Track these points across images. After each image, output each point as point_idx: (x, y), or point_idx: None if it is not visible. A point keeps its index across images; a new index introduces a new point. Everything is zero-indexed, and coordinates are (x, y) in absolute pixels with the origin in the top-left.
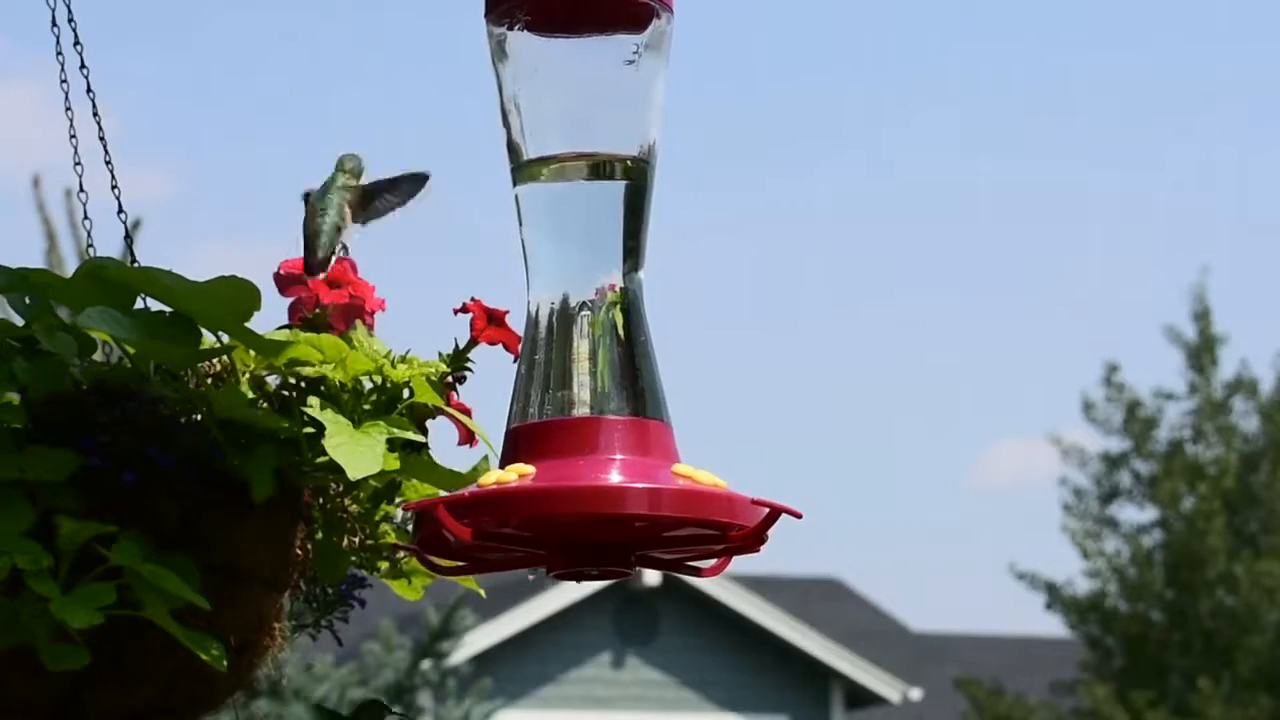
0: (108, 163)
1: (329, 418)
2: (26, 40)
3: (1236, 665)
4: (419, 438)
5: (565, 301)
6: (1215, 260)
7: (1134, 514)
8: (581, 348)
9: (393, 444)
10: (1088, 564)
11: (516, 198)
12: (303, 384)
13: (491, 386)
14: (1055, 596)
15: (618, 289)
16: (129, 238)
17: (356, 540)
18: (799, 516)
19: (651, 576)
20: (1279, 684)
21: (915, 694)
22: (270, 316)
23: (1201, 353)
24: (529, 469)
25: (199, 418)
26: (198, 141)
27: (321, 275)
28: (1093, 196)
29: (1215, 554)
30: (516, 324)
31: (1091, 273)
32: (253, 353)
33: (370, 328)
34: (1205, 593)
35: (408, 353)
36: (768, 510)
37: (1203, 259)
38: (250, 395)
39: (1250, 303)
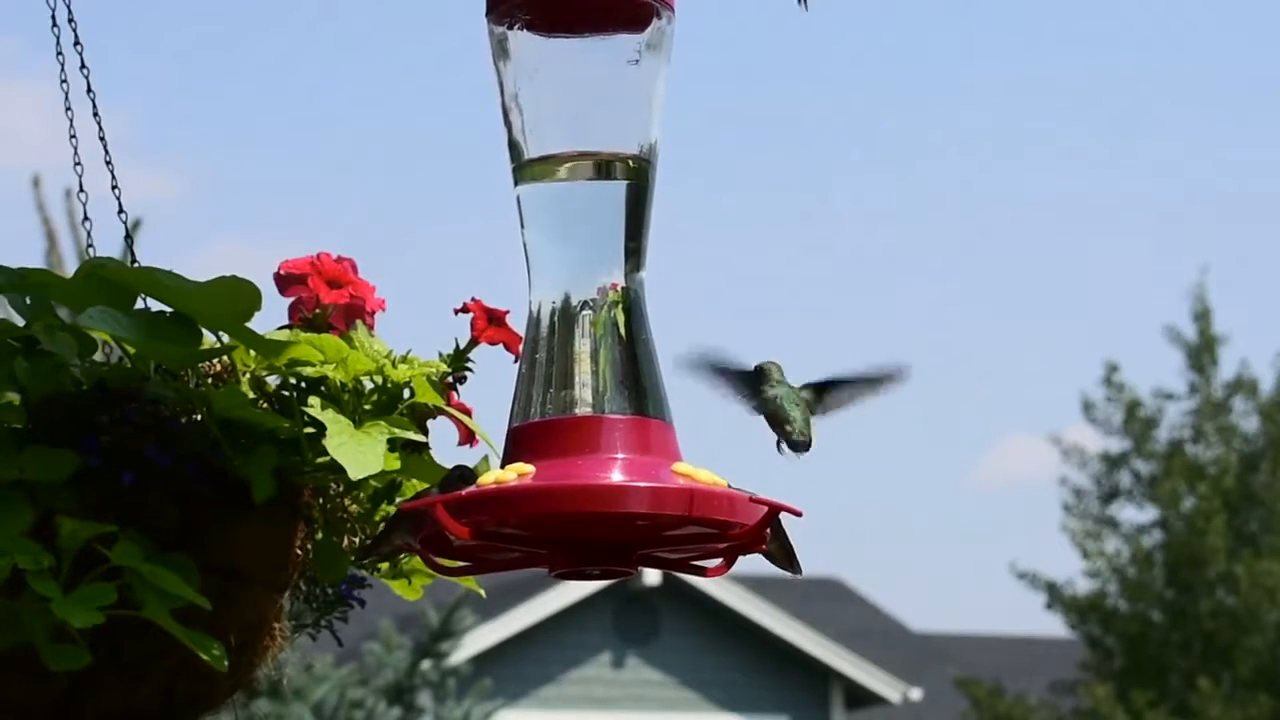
0: (108, 163)
1: (330, 418)
2: (32, 40)
3: (1236, 665)
4: (420, 438)
5: (567, 301)
6: (1215, 260)
7: (1134, 514)
8: (583, 347)
9: (393, 444)
10: (1088, 564)
11: (518, 198)
12: (303, 384)
13: (492, 386)
14: (1055, 596)
15: (619, 288)
16: (129, 238)
17: (356, 540)
18: (798, 514)
19: (652, 576)
20: (1279, 684)
21: (915, 694)
22: (271, 317)
23: (1201, 353)
24: (528, 468)
25: (199, 418)
26: (209, 140)
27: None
28: (1093, 196)
29: (1215, 554)
30: (517, 324)
31: (1091, 273)
32: (253, 353)
33: (371, 328)
34: (1205, 593)
35: (408, 353)
36: (766, 508)
37: (1203, 259)
38: (250, 395)
39: (1250, 303)
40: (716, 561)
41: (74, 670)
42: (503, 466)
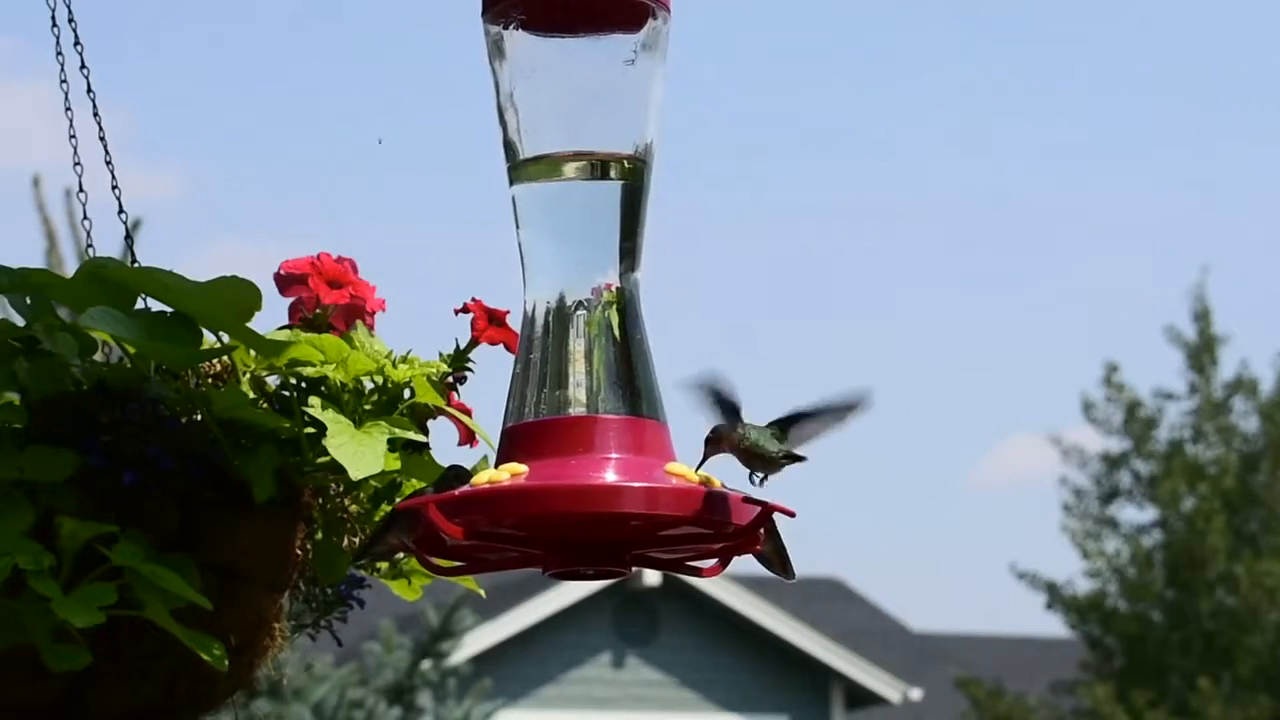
0: (108, 163)
1: (330, 418)
2: (32, 40)
3: (1236, 665)
4: (420, 438)
5: (562, 301)
6: (1215, 260)
7: (1134, 514)
8: (577, 347)
9: (394, 444)
10: (1088, 564)
11: (513, 197)
12: (303, 384)
13: (492, 386)
14: (1055, 596)
15: (614, 289)
16: (129, 238)
17: (356, 540)
18: (791, 515)
19: (652, 576)
20: (1279, 684)
21: (915, 694)
22: (271, 317)
23: (1201, 353)
24: (521, 468)
25: (199, 418)
26: (209, 140)
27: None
28: (1093, 196)
29: (1215, 554)
30: (517, 324)
31: (1092, 273)
32: (253, 353)
33: (371, 328)
34: (1205, 593)
35: (408, 353)
36: (760, 509)
37: (1203, 259)
38: (251, 395)
39: (1250, 303)
40: (712, 562)
41: (74, 670)
42: (496, 466)
